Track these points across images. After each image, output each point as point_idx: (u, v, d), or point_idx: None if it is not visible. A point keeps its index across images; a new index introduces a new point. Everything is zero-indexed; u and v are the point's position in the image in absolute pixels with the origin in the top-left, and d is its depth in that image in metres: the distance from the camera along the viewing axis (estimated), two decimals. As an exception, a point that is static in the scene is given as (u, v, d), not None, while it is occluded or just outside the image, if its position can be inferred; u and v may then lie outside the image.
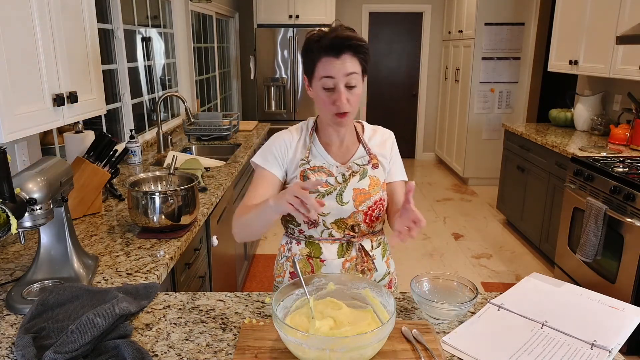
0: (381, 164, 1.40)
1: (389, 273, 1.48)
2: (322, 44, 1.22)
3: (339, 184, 1.34)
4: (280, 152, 1.37)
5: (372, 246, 1.41)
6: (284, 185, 1.39)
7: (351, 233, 1.36)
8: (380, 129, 1.47)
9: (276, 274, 1.49)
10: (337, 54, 1.21)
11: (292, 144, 1.38)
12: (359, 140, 1.41)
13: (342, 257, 1.37)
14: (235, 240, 1.35)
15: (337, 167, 1.35)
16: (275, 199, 1.15)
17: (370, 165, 1.37)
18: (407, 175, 1.47)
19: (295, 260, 1.13)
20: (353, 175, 1.35)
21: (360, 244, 1.38)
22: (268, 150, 1.38)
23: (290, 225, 1.40)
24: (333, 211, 1.33)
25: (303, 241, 1.39)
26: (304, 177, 1.34)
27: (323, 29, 1.28)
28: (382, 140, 1.43)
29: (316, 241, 1.37)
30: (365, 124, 1.47)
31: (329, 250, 1.37)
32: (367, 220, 1.36)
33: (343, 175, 1.34)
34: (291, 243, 1.42)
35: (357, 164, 1.36)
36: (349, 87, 1.24)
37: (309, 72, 1.28)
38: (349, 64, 1.22)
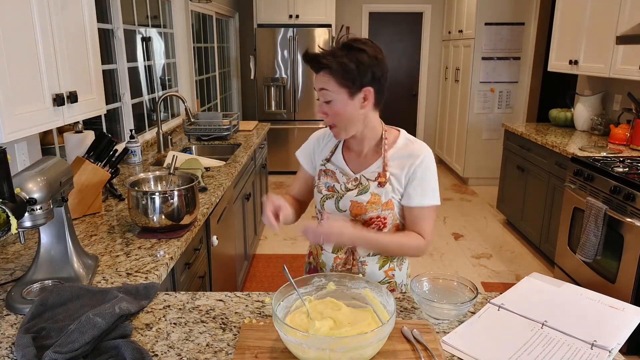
0: (391, 183, 1.35)
1: (388, 282, 1.46)
2: (308, 57, 1.30)
3: (339, 192, 1.39)
4: (311, 149, 1.50)
5: (369, 253, 1.41)
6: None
7: None
8: (415, 145, 1.38)
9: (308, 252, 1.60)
10: (315, 70, 1.29)
11: (323, 141, 1.48)
12: (382, 152, 1.37)
13: (335, 253, 1.44)
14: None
15: (343, 175, 1.40)
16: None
17: (377, 182, 1.35)
18: (438, 188, 1.39)
19: (285, 267, 1.14)
20: (355, 188, 1.37)
21: (351, 248, 1.41)
22: (305, 145, 1.54)
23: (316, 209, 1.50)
24: (334, 213, 1.40)
25: None
26: (319, 176, 1.44)
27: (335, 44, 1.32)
28: (408, 157, 1.36)
29: None
30: (402, 135, 1.41)
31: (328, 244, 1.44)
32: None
33: (345, 185, 1.38)
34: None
35: (365, 177, 1.37)
36: (325, 101, 1.30)
37: None
38: (322, 80, 1.28)
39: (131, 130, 2.83)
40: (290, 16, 5.66)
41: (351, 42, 1.28)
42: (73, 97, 1.68)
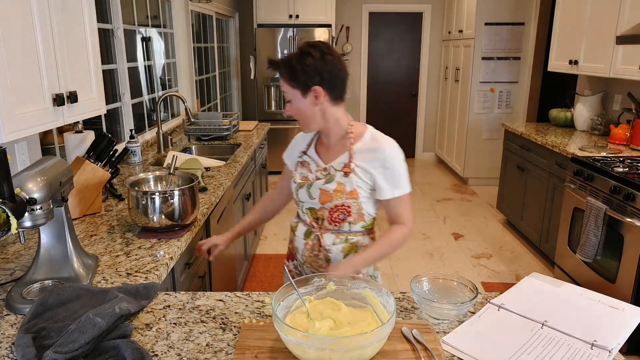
0: (356, 174, 1.46)
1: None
2: (272, 63, 1.48)
3: (310, 181, 1.52)
4: (293, 149, 1.64)
5: (333, 242, 1.53)
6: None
7: (314, 223, 1.54)
8: (380, 141, 1.48)
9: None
10: (277, 73, 1.46)
11: (302, 138, 1.62)
12: (348, 146, 1.49)
13: (305, 239, 1.57)
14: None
15: (317, 165, 1.53)
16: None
17: (342, 172, 1.47)
18: (408, 176, 1.48)
19: (285, 267, 1.22)
20: (323, 177, 1.50)
21: (318, 235, 1.54)
22: (289, 147, 1.67)
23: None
24: (306, 201, 1.53)
25: (296, 217, 1.65)
26: (296, 167, 1.58)
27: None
28: (373, 152, 1.46)
29: (298, 220, 1.63)
30: (368, 133, 1.50)
31: (300, 230, 1.60)
32: (329, 219, 1.51)
33: (316, 174, 1.52)
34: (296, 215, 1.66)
35: (333, 168, 1.49)
36: (287, 101, 1.46)
37: None
38: (282, 84, 1.45)
39: (131, 130, 2.83)
40: (290, 16, 5.66)
41: (303, 46, 1.42)
42: (73, 97, 1.68)
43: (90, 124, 2.74)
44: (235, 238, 1.75)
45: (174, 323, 1.16)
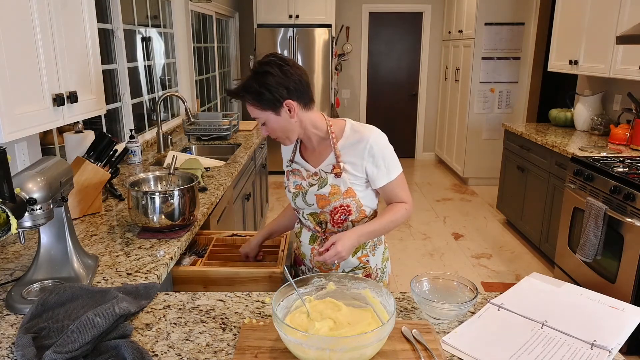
0: (347, 172, 1.45)
1: (364, 268, 1.56)
2: (230, 93, 1.44)
3: (305, 188, 1.51)
4: (282, 155, 1.64)
5: None
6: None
7: (317, 228, 1.54)
8: (362, 131, 1.46)
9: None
10: (243, 103, 1.43)
11: (284, 147, 1.60)
12: (332, 146, 1.47)
13: (312, 244, 1.57)
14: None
15: (307, 171, 1.52)
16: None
17: (333, 174, 1.45)
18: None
19: (285, 267, 1.22)
20: (315, 183, 1.49)
21: (324, 239, 1.53)
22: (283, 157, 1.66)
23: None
24: (305, 208, 1.52)
25: (299, 222, 1.64)
26: (288, 176, 1.57)
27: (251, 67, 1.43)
28: (356, 145, 1.44)
29: (301, 226, 1.62)
30: (348, 126, 1.48)
31: (305, 236, 1.59)
32: (332, 221, 1.50)
33: (309, 181, 1.51)
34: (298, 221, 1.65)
35: (323, 171, 1.48)
36: (262, 124, 1.44)
37: None
38: (250, 109, 1.41)
39: (131, 130, 2.83)
40: (290, 16, 5.66)
41: (255, 68, 1.38)
42: (73, 97, 1.68)
43: (90, 124, 2.73)
44: (263, 242, 1.74)
45: (174, 323, 1.16)
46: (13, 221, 1.06)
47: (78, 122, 2.21)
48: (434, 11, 6.55)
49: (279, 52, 5.62)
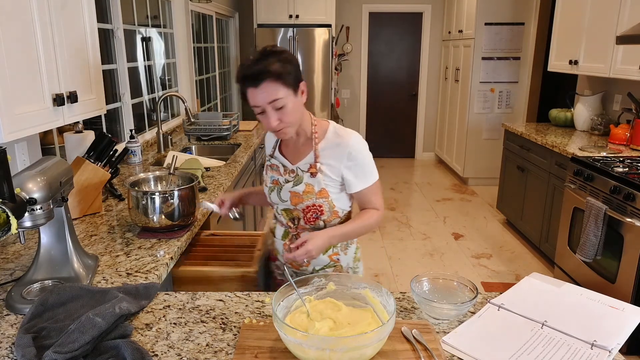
0: (323, 173, 1.45)
1: (334, 266, 1.58)
2: (242, 77, 1.32)
3: (280, 184, 1.51)
4: (266, 146, 1.64)
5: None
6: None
7: (290, 224, 1.55)
8: (343, 135, 1.45)
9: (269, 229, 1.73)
10: (256, 84, 1.30)
11: (267, 141, 1.63)
12: (313, 145, 1.47)
13: (284, 240, 1.58)
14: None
15: (284, 168, 1.51)
16: None
17: (309, 173, 1.46)
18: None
19: (285, 267, 1.21)
20: (291, 180, 1.49)
21: (295, 235, 1.54)
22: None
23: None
24: (279, 203, 1.54)
25: (274, 218, 1.65)
26: (266, 171, 1.57)
27: (252, 56, 1.35)
28: (336, 148, 1.44)
29: (275, 222, 1.63)
30: (331, 128, 1.48)
31: (279, 232, 1.61)
32: (305, 218, 1.51)
33: (285, 177, 1.51)
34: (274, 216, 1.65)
35: (300, 169, 1.48)
36: (277, 108, 1.33)
37: (245, 99, 1.37)
38: (271, 92, 1.30)
39: (131, 130, 2.83)
40: (290, 16, 5.66)
41: (267, 49, 1.34)
42: (73, 97, 1.68)
43: (90, 124, 2.73)
44: (242, 196, 1.72)
45: (174, 323, 1.16)
46: (13, 221, 1.06)
47: (78, 122, 2.21)
48: (434, 11, 6.55)
49: (279, 52, 5.62)
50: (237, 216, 1.70)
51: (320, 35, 5.62)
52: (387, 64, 6.79)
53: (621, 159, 2.94)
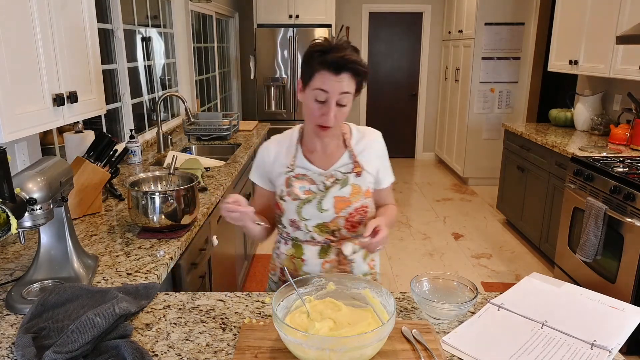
0: (366, 171, 1.40)
1: (371, 274, 1.52)
2: (325, 59, 1.24)
3: (320, 192, 1.37)
4: (262, 164, 1.46)
5: (353, 250, 1.43)
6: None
7: (331, 238, 1.41)
8: (367, 132, 1.46)
9: (270, 268, 1.60)
10: (337, 71, 1.23)
11: (273, 152, 1.44)
12: (346, 145, 1.42)
13: (322, 258, 1.43)
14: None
15: (318, 174, 1.38)
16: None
17: (354, 173, 1.38)
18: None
19: (285, 268, 1.20)
20: (335, 184, 1.37)
21: (339, 248, 1.42)
22: (255, 164, 1.49)
23: (279, 226, 1.49)
24: (314, 217, 1.38)
25: (290, 242, 1.47)
26: (289, 184, 1.39)
27: (330, 39, 1.29)
28: (369, 144, 1.43)
29: (300, 243, 1.44)
30: (352, 127, 1.46)
31: (311, 251, 1.43)
32: (347, 226, 1.40)
33: (324, 183, 1.37)
34: (280, 242, 1.52)
35: (340, 172, 1.38)
36: (340, 104, 1.27)
37: (306, 79, 1.29)
38: (346, 84, 1.25)
39: (131, 130, 2.83)
40: (290, 16, 5.66)
41: (352, 45, 1.28)
42: (73, 97, 1.68)
43: (90, 124, 2.73)
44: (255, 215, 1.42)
45: (174, 323, 1.16)
46: (13, 221, 1.06)
47: (78, 122, 2.21)
48: (434, 11, 6.55)
49: (279, 52, 5.63)
50: (262, 223, 1.39)
51: (320, 35, 5.62)
52: (387, 63, 6.79)
53: (621, 159, 2.94)
